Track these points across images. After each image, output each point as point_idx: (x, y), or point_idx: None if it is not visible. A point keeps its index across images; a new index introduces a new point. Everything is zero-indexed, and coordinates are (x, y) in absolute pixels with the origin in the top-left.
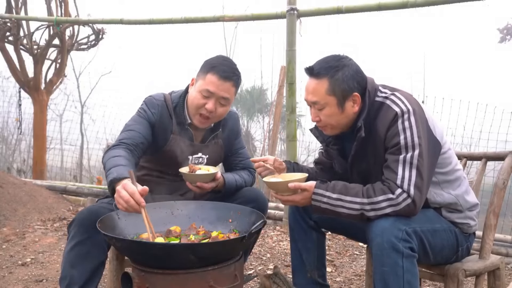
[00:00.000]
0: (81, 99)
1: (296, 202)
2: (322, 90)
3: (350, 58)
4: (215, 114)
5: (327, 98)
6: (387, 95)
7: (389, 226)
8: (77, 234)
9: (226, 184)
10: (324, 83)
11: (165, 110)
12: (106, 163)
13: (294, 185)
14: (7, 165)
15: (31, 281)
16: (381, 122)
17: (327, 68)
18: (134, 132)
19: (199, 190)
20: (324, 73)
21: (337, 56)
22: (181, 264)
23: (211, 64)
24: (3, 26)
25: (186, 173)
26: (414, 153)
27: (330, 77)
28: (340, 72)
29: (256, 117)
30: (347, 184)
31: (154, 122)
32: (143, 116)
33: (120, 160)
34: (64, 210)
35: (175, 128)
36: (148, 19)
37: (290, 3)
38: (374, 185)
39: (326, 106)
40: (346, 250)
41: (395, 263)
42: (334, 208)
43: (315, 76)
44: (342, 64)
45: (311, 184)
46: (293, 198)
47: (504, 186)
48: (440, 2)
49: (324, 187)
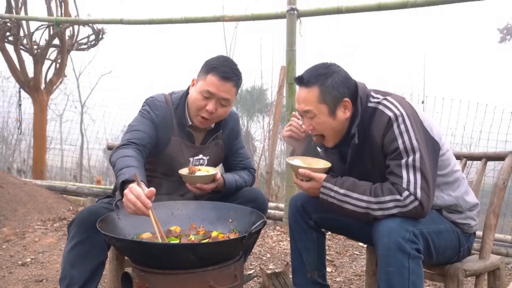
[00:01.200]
0: (81, 99)
1: (304, 189)
2: (314, 98)
3: (338, 65)
4: (216, 115)
5: (319, 106)
6: (379, 100)
7: (396, 227)
8: (77, 234)
9: (226, 184)
10: (314, 91)
11: (166, 111)
12: (116, 162)
13: (304, 172)
14: (7, 165)
15: (31, 281)
16: (376, 127)
17: (316, 76)
18: (141, 132)
19: (199, 191)
20: (314, 81)
21: (325, 63)
22: (181, 264)
23: (211, 64)
24: (3, 26)
25: (186, 175)
26: (415, 156)
27: (320, 84)
28: (329, 79)
29: (256, 117)
30: (357, 181)
31: (158, 124)
32: (147, 117)
33: (131, 160)
34: (64, 210)
35: (176, 130)
36: (148, 19)
37: (290, 3)
38: (383, 184)
39: (318, 114)
40: (346, 250)
41: (401, 264)
42: (340, 203)
43: (305, 85)
44: (331, 71)
45: (321, 176)
46: (301, 184)
47: (504, 186)
48: (440, 2)
49: (333, 182)
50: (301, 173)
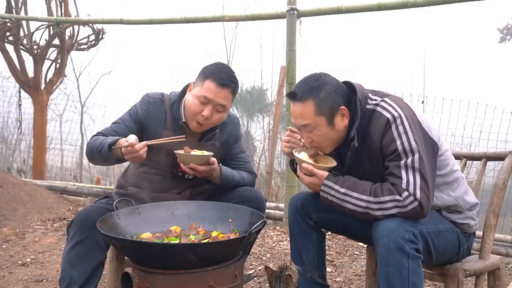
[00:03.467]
0: (81, 99)
1: (305, 183)
2: (310, 112)
3: (328, 74)
4: (211, 121)
5: (317, 119)
6: (377, 102)
7: (396, 227)
8: (76, 234)
9: (222, 174)
10: (310, 105)
11: (158, 107)
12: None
13: (307, 167)
14: (7, 165)
15: (31, 281)
16: (374, 129)
17: (309, 90)
18: (115, 125)
19: (192, 172)
20: (308, 95)
21: (315, 75)
22: (181, 264)
23: (209, 71)
24: (3, 26)
25: (181, 153)
26: (414, 157)
27: (314, 97)
28: (322, 90)
29: (256, 117)
30: (357, 181)
31: (143, 119)
32: (131, 114)
33: (104, 137)
34: (64, 210)
35: (169, 125)
36: (148, 19)
37: (290, 3)
38: (383, 184)
39: (316, 127)
40: (346, 250)
41: (400, 264)
42: (340, 202)
43: (299, 100)
44: (323, 82)
45: (323, 173)
46: (303, 177)
47: (504, 186)
48: (440, 2)
49: (334, 180)
50: (304, 168)
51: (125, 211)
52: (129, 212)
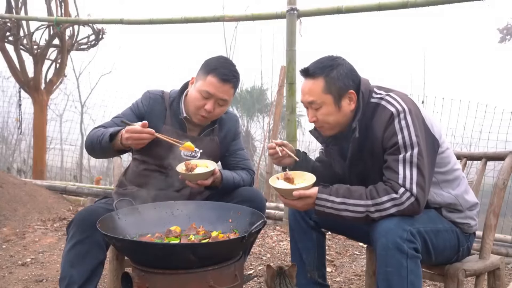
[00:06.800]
0: (81, 99)
1: (298, 207)
2: (319, 89)
3: (344, 58)
4: (213, 114)
5: (324, 97)
6: (382, 96)
7: (393, 227)
8: (76, 234)
9: (223, 179)
10: (320, 82)
11: (159, 103)
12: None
13: (298, 193)
14: (7, 165)
15: (31, 281)
16: (377, 123)
17: (322, 68)
18: (115, 119)
19: (199, 187)
20: (319, 73)
21: (331, 56)
22: (181, 264)
23: (211, 65)
24: (3, 26)
25: (185, 173)
26: (413, 152)
27: (325, 76)
28: (335, 70)
29: (256, 117)
30: (350, 187)
31: (144, 114)
32: (133, 109)
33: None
34: (64, 210)
35: (168, 120)
36: (148, 19)
37: (290, 3)
38: (377, 186)
39: (323, 105)
40: (346, 250)
41: (399, 264)
42: (338, 212)
43: (311, 76)
44: (337, 63)
45: (314, 191)
46: (295, 203)
47: (504, 186)
48: (440, 2)
49: (327, 192)
50: (296, 196)
51: (125, 211)
52: (129, 212)
